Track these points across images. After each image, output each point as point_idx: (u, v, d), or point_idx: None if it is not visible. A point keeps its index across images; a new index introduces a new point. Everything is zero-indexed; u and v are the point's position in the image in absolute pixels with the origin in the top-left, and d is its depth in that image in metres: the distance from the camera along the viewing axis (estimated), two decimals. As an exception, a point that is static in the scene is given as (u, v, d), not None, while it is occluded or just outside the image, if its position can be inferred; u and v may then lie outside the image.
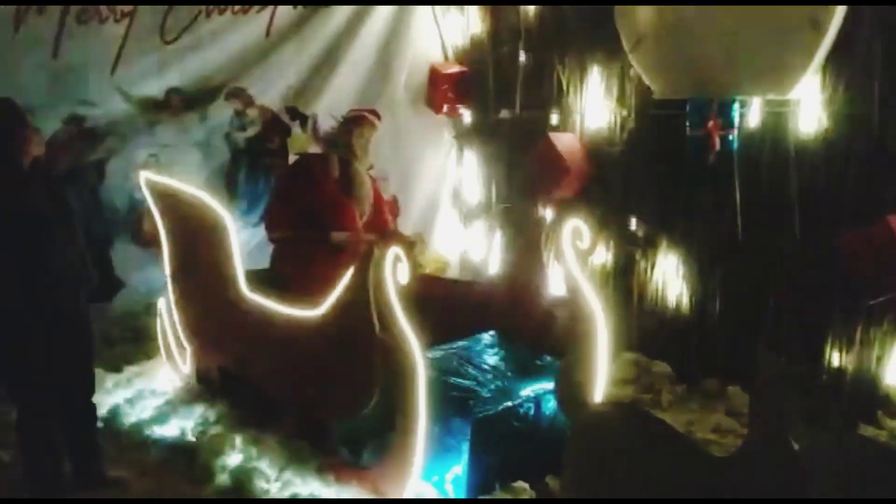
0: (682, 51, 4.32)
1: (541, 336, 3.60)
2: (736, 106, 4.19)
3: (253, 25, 5.52)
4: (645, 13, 4.44)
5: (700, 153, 4.30)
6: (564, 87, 5.07)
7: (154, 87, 5.39)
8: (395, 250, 2.94)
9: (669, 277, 4.72)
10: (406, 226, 5.66)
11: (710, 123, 4.24)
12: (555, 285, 3.69)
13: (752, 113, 4.21)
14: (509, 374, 3.44)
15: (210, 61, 5.48)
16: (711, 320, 4.54)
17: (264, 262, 4.36)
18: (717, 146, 4.22)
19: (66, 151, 5.07)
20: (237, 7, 5.43)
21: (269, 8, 5.51)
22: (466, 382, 3.32)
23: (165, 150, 5.44)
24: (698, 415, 4.24)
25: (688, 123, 4.33)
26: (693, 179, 4.47)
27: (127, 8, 5.21)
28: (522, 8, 5.32)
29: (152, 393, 4.32)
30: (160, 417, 4.07)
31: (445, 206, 6.20)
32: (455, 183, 6.17)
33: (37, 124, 5.00)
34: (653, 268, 4.80)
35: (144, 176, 4.38)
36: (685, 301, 4.66)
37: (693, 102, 4.30)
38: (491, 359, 3.52)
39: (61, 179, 3.38)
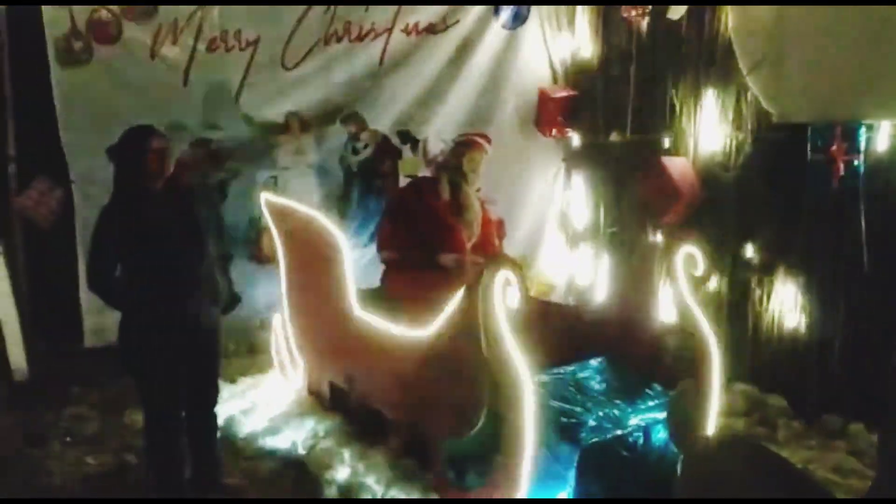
0: (805, 73, 4.17)
1: (651, 364, 3.53)
2: (862, 130, 4.00)
3: (368, 52, 5.70)
4: (764, 34, 4.31)
5: (822, 179, 4.13)
6: (677, 110, 4.98)
7: (274, 112, 5.63)
8: (505, 273, 2.96)
9: (787, 307, 4.52)
10: (512, 248, 5.66)
11: (834, 148, 4.07)
12: (666, 312, 3.60)
13: (879, 138, 4.01)
14: (618, 401, 3.37)
15: (327, 87, 5.68)
16: (833, 354, 4.32)
17: (373, 282, 4.47)
18: (842, 172, 4.04)
19: (192, 172, 5.36)
20: (353, 35, 5.62)
21: (384, 35, 5.68)
22: (574, 408, 3.28)
23: (283, 171, 5.66)
24: (817, 453, 4.03)
25: (809, 148, 4.17)
26: (814, 206, 4.29)
27: (251, 37, 5.48)
28: (634, 28, 5.26)
29: (266, 405, 4.49)
30: (273, 429, 4.22)
31: (552, 229, 6.18)
32: (562, 206, 6.14)
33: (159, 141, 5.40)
34: (769, 297, 4.62)
35: (264, 196, 4.60)
36: (804, 332, 4.45)
37: (815, 126, 4.14)
38: (599, 385, 3.47)
39: (190, 198, 3.55)
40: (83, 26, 5.19)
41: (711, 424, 3.40)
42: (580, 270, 5.95)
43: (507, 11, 5.78)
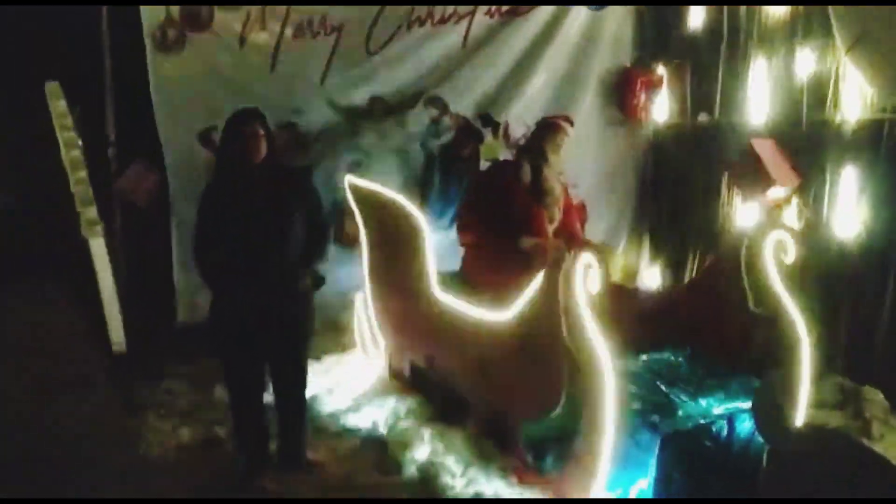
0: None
1: (738, 352, 3.43)
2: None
3: (450, 36, 5.69)
4: (865, 9, 4.09)
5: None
6: (768, 91, 4.79)
7: (358, 96, 5.69)
8: (586, 257, 2.93)
9: (886, 297, 4.31)
10: (594, 233, 5.60)
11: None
12: (754, 300, 3.49)
13: None
14: (702, 390, 3.30)
15: (410, 71, 5.71)
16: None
17: (454, 265, 4.49)
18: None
19: (281, 155, 5.49)
20: (436, 19, 5.62)
21: (467, 18, 5.66)
22: (657, 396, 3.24)
23: (367, 155, 5.73)
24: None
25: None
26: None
27: (336, 23, 5.55)
28: (724, 9, 5.08)
29: (349, 383, 4.59)
30: (355, 407, 4.31)
31: (636, 214, 6.06)
32: (648, 190, 6.01)
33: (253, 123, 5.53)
34: (865, 286, 4.42)
35: (348, 179, 4.68)
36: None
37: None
38: (684, 373, 3.40)
39: (281, 181, 3.63)
40: (177, 15, 5.38)
41: (801, 416, 3.29)
42: (665, 256, 5.82)
43: (591, -9, 5.67)
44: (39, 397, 4.75)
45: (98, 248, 5.42)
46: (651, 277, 5.91)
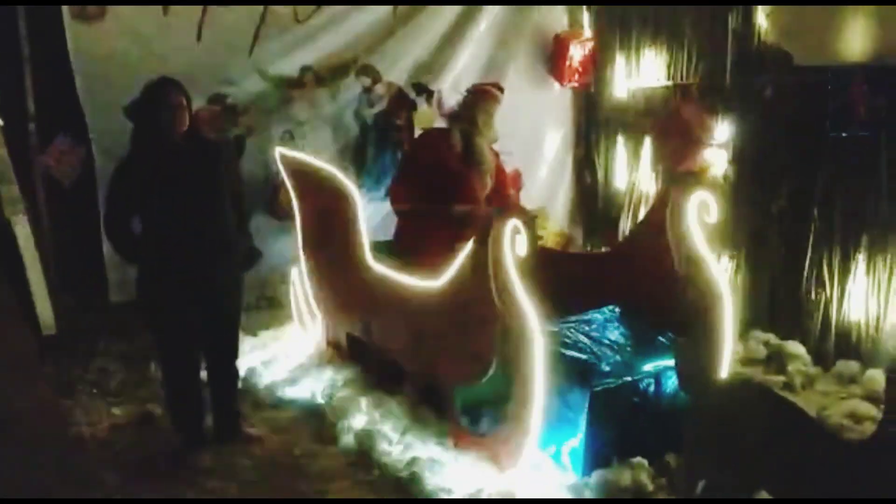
0: (826, 13, 4.05)
1: (664, 312, 3.53)
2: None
3: (381, 3, 5.62)
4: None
5: (842, 124, 4.05)
6: (693, 53, 4.88)
7: (288, 66, 5.57)
8: (513, 222, 2.96)
9: (804, 253, 4.48)
10: (529, 200, 5.65)
11: (856, 92, 3.98)
12: (679, 260, 3.58)
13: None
14: (629, 349, 3.40)
15: (340, 39, 5.60)
16: (852, 300, 4.29)
17: (390, 234, 4.49)
18: (862, 116, 3.96)
19: (209, 127, 5.37)
20: (368, -16, 5.53)
21: (398, -16, 5.59)
22: (585, 356, 3.31)
23: (298, 126, 5.64)
24: (833, 399, 4.04)
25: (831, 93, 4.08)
26: (834, 152, 4.21)
27: (265, -14, 5.41)
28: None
29: (285, 357, 4.57)
30: (292, 380, 4.30)
31: (569, 179, 6.13)
32: (581, 156, 6.08)
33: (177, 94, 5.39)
34: (789, 244, 4.57)
35: (280, 151, 4.61)
36: (825, 280, 4.42)
37: (835, 69, 4.04)
38: (611, 333, 3.48)
39: (208, 153, 3.57)
40: (96, -17, 5.17)
41: (724, 372, 3.41)
42: (602, 219, 5.92)
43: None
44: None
45: (21, 227, 5.25)
46: (585, 242, 6.01)
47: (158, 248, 3.39)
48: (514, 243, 2.97)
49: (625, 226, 5.53)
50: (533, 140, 5.91)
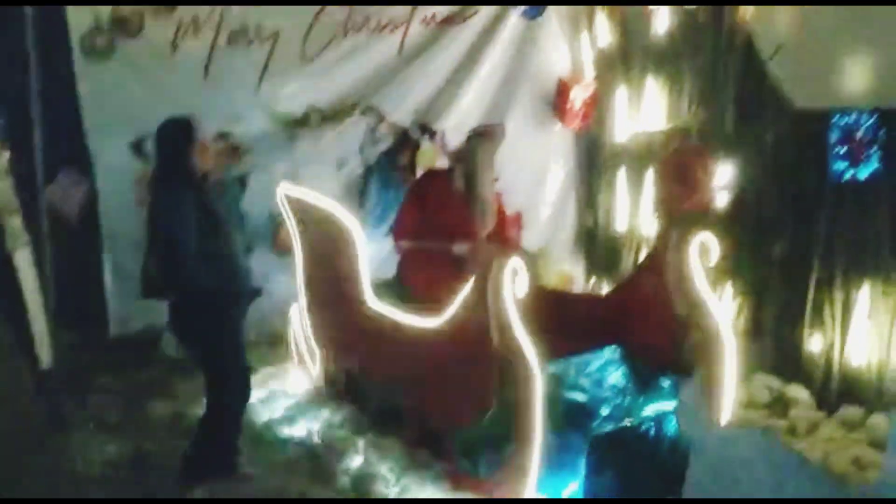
0: (827, 58, 4.09)
1: (665, 355, 3.50)
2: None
3: (386, 44, 5.71)
4: (785, 19, 4.24)
5: (844, 167, 4.06)
6: (697, 99, 4.91)
7: (294, 105, 5.65)
8: (514, 262, 2.96)
9: (806, 297, 4.46)
10: (530, 240, 5.66)
11: (858, 136, 4.00)
12: (682, 303, 3.56)
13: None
14: (630, 392, 3.36)
15: (346, 79, 5.69)
16: (856, 346, 4.25)
17: (389, 272, 4.48)
18: (864, 160, 3.97)
19: (214, 165, 5.41)
20: (372, 26, 5.63)
21: (402, 27, 5.68)
22: (585, 398, 3.27)
23: (302, 165, 5.68)
24: (838, 445, 3.97)
25: (831, 136, 4.09)
26: (836, 196, 4.22)
27: (271, 30, 5.51)
28: (652, 18, 5.19)
29: (284, 394, 4.53)
30: (290, 418, 4.26)
31: (571, 221, 6.14)
32: (582, 198, 6.10)
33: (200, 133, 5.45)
34: (789, 287, 4.55)
35: (283, 189, 4.63)
36: (827, 324, 4.39)
37: (838, 113, 4.06)
38: (611, 375, 3.44)
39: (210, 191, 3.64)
40: (106, 21, 5.26)
41: (727, 416, 3.36)
42: (603, 261, 5.91)
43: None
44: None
45: (23, 260, 5.25)
46: (587, 283, 6.00)
47: (197, 280, 3.44)
48: (513, 283, 2.96)
49: (626, 267, 5.52)
50: (535, 181, 5.95)
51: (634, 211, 5.51)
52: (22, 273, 5.21)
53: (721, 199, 4.75)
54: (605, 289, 5.66)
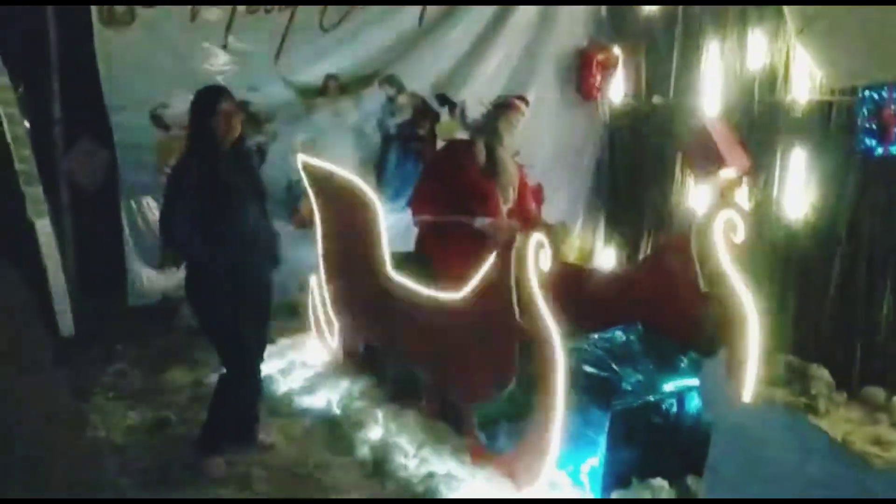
0: (857, 34, 3.99)
1: (688, 331, 3.46)
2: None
3: (407, 14, 5.64)
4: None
5: (873, 145, 3.98)
6: (721, 73, 4.82)
7: (312, 74, 5.62)
8: (537, 237, 2.92)
9: (833, 276, 4.40)
10: (550, 214, 5.59)
11: (888, 112, 3.91)
12: (705, 279, 3.52)
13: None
14: (652, 368, 3.33)
15: (365, 49, 5.64)
16: (880, 326, 4.20)
17: (410, 245, 4.46)
18: (894, 137, 3.89)
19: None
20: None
21: (422, -5, 5.59)
22: (606, 374, 3.25)
23: (321, 134, 5.66)
24: (858, 425, 3.95)
25: (860, 112, 4.02)
26: (864, 173, 4.15)
27: (291, -5, 5.44)
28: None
29: (303, 365, 4.55)
30: (309, 388, 4.28)
31: (592, 195, 6.08)
32: (603, 171, 6.03)
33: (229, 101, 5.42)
34: (814, 266, 4.50)
35: (302, 159, 4.60)
36: (850, 303, 4.33)
37: (867, 89, 3.98)
38: (633, 351, 3.42)
39: (251, 158, 3.67)
40: (126, -12, 5.22)
41: (749, 393, 3.34)
42: (620, 237, 5.85)
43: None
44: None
45: (44, 228, 5.29)
46: (606, 258, 5.95)
47: (211, 248, 3.41)
48: (538, 258, 2.93)
49: (647, 241, 5.47)
50: (555, 154, 5.88)
51: (656, 185, 5.44)
52: (43, 241, 5.25)
53: (746, 176, 4.68)
54: (626, 264, 5.62)
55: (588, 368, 3.26)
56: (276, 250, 3.69)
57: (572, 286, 3.45)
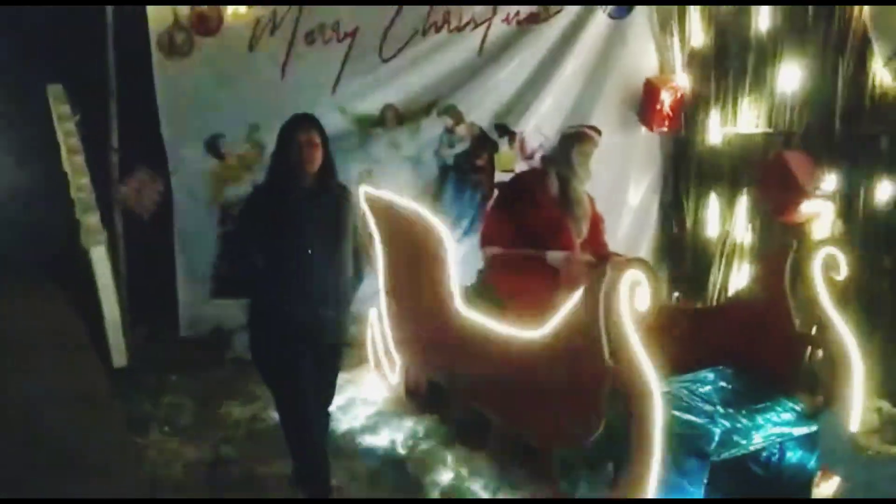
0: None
1: (783, 373, 3.26)
2: None
3: (466, 43, 5.54)
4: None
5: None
6: (802, 102, 4.63)
7: (371, 104, 5.53)
8: (633, 274, 2.75)
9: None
10: (613, 246, 5.42)
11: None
12: (800, 317, 3.32)
13: None
14: (750, 414, 3.12)
15: (424, 79, 5.55)
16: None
17: (466, 278, 4.29)
18: None
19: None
20: (452, 25, 5.47)
21: (484, 25, 5.50)
22: (699, 420, 3.05)
23: (378, 165, 5.56)
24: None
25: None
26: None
27: (349, 28, 5.40)
28: (752, 16, 4.92)
29: (363, 402, 4.40)
30: (371, 427, 4.13)
31: (656, 227, 5.89)
32: (668, 203, 5.83)
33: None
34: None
35: (363, 189, 4.49)
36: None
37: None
38: (728, 396, 3.21)
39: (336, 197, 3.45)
40: (185, 19, 5.22)
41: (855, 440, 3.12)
42: (689, 271, 5.63)
43: (613, -1, 5.50)
44: (36, 411, 4.55)
45: (99, 257, 5.23)
46: (672, 295, 5.73)
47: (274, 287, 3.25)
48: (633, 297, 2.76)
49: (716, 279, 5.25)
50: (617, 185, 5.70)
51: (726, 218, 5.23)
52: (98, 271, 5.19)
53: (826, 208, 4.47)
54: (693, 301, 5.39)
55: (681, 415, 3.06)
56: (348, 296, 3.46)
57: (657, 325, 3.26)
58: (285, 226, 3.24)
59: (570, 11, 5.52)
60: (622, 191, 5.77)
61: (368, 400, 4.42)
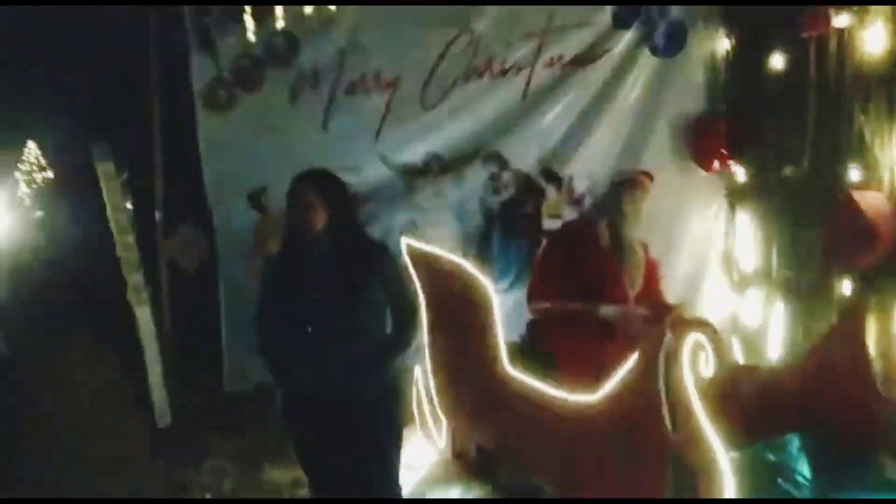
0: None
1: (865, 437, 2.96)
2: None
3: (510, 88, 5.42)
4: None
5: None
6: (867, 137, 4.33)
7: (414, 153, 5.45)
8: (696, 337, 2.52)
9: None
10: (669, 294, 5.16)
11: None
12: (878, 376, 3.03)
13: None
14: (832, 484, 2.83)
15: (467, 125, 5.44)
16: None
17: (512, 332, 4.08)
18: None
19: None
20: (495, 71, 5.36)
21: (526, 70, 5.37)
22: (779, 495, 2.77)
23: (422, 214, 5.45)
24: None
25: None
26: None
27: (391, 78, 5.34)
28: (811, 46, 4.65)
29: (407, 467, 4.17)
30: (418, 493, 3.94)
31: (713, 274, 5.59)
32: (726, 248, 5.54)
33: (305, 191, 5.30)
34: None
35: (405, 241, 4.35)
36: None
37: None
38: (806, 465, 2.92)
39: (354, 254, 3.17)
40: (228, 73, 5.23)
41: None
42: (748, 318, 5.30)
43: (660, 37, 5.31)
44: (78, 475, 4.49)
45: (143, 315, 5.22)
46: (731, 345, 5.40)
47: (300, 359, 3.06)
48: (696, 360, 2.52)
49: (775, 325, 4.91)
50: (673, 230, 5.44)
51: (791, 262, 4.91)
52: (142, 332, 5.17)
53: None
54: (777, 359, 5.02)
55: (755, 489, 2.77)
56: (381, 365, 3.14)
57: (727, 389, 3.00)
58: (292, 298, 3.06)
59: (616, 53, 5.35)
60: (678, 235, 5.50)
61: (413, 465, 4.20)
